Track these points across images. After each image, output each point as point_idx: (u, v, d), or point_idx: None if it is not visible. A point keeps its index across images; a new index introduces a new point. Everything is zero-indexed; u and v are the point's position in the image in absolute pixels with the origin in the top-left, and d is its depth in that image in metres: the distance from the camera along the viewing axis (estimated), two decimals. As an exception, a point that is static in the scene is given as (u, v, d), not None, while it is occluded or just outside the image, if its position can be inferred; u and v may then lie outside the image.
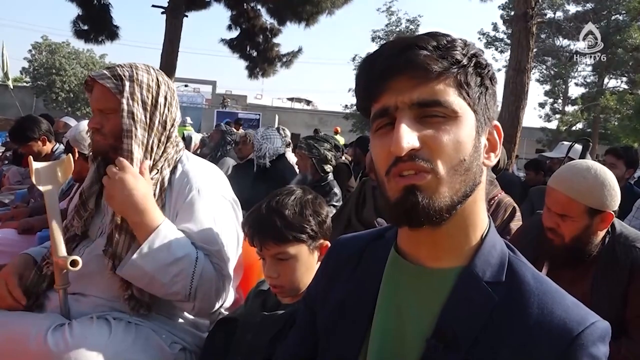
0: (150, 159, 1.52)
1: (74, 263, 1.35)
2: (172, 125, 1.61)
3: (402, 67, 0.71)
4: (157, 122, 1.55)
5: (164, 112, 1.58)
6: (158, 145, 1.56)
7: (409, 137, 0.69)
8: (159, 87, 1.57)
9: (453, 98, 0.71)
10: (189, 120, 12.82)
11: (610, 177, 1.56)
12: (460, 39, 0.75)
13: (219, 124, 5.88)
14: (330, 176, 3.45)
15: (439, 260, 0.77)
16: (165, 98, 1.58)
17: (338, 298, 0.87)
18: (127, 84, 1.50)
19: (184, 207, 1.50)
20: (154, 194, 1.48)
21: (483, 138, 0.76)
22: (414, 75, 0.70)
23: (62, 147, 3.79)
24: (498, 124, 0.79)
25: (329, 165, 3.41)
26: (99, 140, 1.52)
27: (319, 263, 1.23)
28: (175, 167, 1.58)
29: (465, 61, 0.72)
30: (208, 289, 1.43)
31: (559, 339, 0.67)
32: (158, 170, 1.53)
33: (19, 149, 3.56)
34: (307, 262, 1.30)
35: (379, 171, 0.75)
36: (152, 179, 1.50)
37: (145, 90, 1.53)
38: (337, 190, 3.34)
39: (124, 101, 1.48)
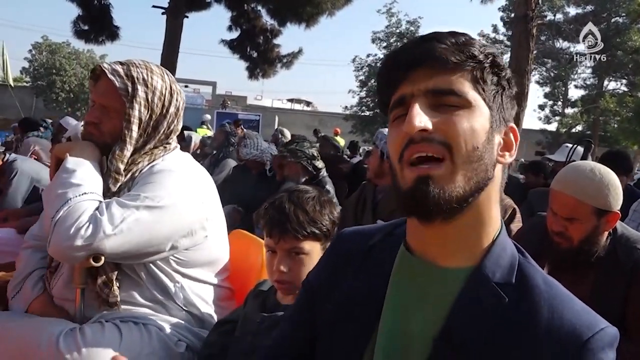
0: (135, 156, 1.49)
1: (96, 259, 1.31)
2: (175, 134, 1.59)
3: (420, 58, 0.73)
4: (162, 131, 1.52)
5: (172, 123, 1.54)
6: (152, 147, 1.52)
7: (421, 116, 0.70)
8: (172, 96, 1.53)
9: (468, 89, 0.73)
10: (207, 116, 12.63)
11: (614, 178, 1.56)
12: (479, 40, 0.77)
13: (223, 124, 5.80)
14: (323, 172, 3.43)
15: (449, 259, 0.76)
16: (177, 109, 1.55)
17: (344, 294, 0.85)
18: (140, 88, 1.45)
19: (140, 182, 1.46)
20: (124, 183, 1.45)
21: (497, 136, 0.76)
22: (431, 66, 0.73)
23: (14, 155, 3.66)
24: (515, 127, 0.80)
25: (319, 162, 3.38)
26: (93, 134, 1.48)
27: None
28: (153, 161, 1.52)
29: (481, 57, 0.74)
30: (68, 225, 1.28)
31: (569, 344, 0.67)
32: (136, 163, 1.49)
33: None
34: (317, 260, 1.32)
35: (393, 159, 0.76)
36: (127, 170, 1.46)
37: (157, 97, 1.49)
38: (329, 187, 3.31)
39: (136, 106, 1.44)
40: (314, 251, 1.30)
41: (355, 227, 0.98)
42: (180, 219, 1.44)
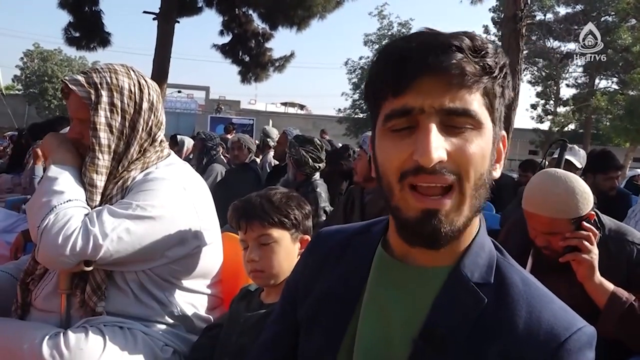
0: (123, 162, 1.46)
1: (87, 263, 1.31)
2: (159, 129, 1.54)
3: (436, 67, 0.65)
4: (141, 130, 1.48)
5: (149, 118, 1.50)
6: (139, 151, 1.49)
7: (439, 146, 0.64)
8: (141, 91, 1.48)
9: (479, 108, 0.67)
10: None
11: (578, 182, 1.56)
12: (491, 43, 0.69)
13: (199, 132, 5.88)
14: (316, 176, 3.40)
15: (429, 260, 0.75)
16: (152, 103, 1.50)
17: (321, 290, 0.85)
18: (104, 93, 1.41)
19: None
20: (116, 191, 1.43)
21: (494, 151, 0.72)
22: (447, 79, 0.65)
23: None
24: (505, 134, 0.76)
25: (307, 167, 3.33)
26: (79, 149, 1.48)
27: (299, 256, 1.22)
28: (146, 169, 1.48)
29: (496, 71, 0.68)
30: (55, 233, 1.28)
31: (547, 344, 0.67)
32: (129, 170, 1.46)
33: None
34: (288, 249, 1.34)
35: (388, 175, 0.70)
36: (119, 178, 1.44)
37: (127, 97, 1.45)
38: (320, 190, 3.25)
39: (101, 113, 1.41)
40: (283, 239, 1.33)
41: (334, 226, 0.97)
42: (172, 229, 1.42)
